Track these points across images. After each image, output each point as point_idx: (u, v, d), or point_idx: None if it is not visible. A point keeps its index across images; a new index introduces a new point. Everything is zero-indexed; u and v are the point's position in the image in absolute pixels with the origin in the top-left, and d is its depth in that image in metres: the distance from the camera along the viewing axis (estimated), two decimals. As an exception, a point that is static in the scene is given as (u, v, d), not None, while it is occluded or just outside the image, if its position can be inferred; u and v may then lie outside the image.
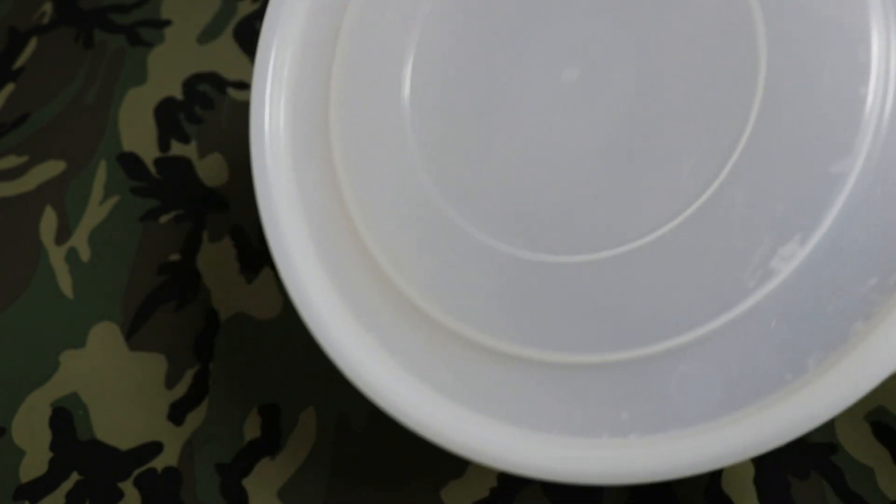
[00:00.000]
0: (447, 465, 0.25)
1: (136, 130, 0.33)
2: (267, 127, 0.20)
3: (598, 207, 0.17)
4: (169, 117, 0.33)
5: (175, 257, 0.30)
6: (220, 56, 0.35)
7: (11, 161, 0.33)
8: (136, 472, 0.26)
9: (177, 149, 0.32)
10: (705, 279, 0.15)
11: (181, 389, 0.27)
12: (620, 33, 0.17)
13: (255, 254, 0.30)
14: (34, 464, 0.26)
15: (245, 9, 0.36)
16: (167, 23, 0.36)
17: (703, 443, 0.15)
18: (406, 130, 0.19)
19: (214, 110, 0.33)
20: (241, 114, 0.33)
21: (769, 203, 0.15)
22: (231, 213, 0.31)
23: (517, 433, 0.16)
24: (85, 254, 0.30)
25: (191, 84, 0.34)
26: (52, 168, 0.32)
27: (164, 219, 0.31)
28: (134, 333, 0.28)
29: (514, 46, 0.18)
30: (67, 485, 0.26)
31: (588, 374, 0.16)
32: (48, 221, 0.31)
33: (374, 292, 0.19)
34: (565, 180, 0.17)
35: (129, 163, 0.32)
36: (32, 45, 0.36)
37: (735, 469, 0.24)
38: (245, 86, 0.34)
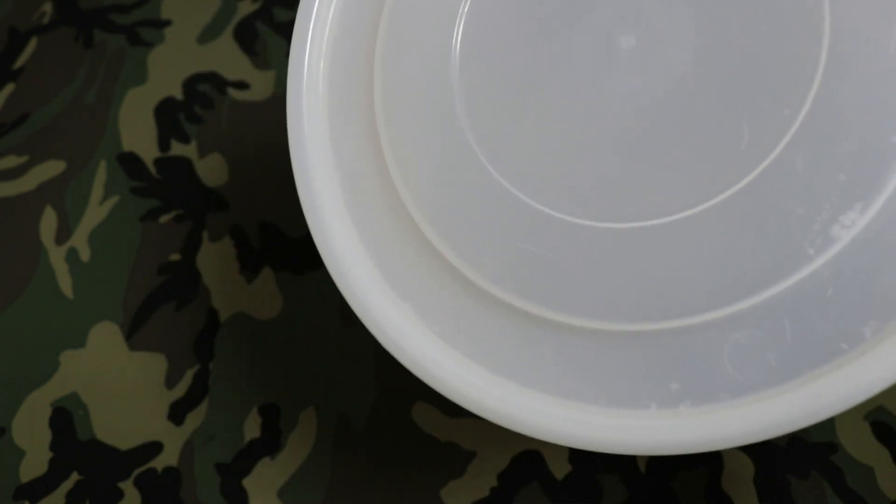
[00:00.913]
0: (447, 465, 0.25)
1: (136, 130, 0.33)
2: (305, 77, 0.20)
3: (654, 174, 0.16)
4: (169, 117, 0.33)
5: (175, 257, 0.30)
6: (220, 56, 0.35)
7: (11, 161, 0.33)
8: (136, 472, 0.26)
9: (177, 149, 0.32)
10: (763, 247, 0.15)
11: (181, 389, 0.27)
12: (678, 2, 0.17)
13: (255, 254, 0.30)
14: (34, 464, 0.26)
15: (245, 9, 0.36)
16: (167, 23, 0.36)
17: (756, 412, 0.14)
18: (454, 90, 0.19)
19: (214, 110, 0.33)
20: (241, 114, 0.33)
21: (830, 171, 0.15)
22: (231, 213, 0.31)
23: (563, 404, 0.16)
24: (85, 254, 0.30)
25: (191, 84, 0.34)
26: (52, 168, 0.32)
27: (164, 219, 0.31)
28: (134, 333, 0.28)
29: (571, 11, 0.18)
30: (67, 485, 0.26)
31: (639, 343, 0.16)
32: (48, 221, 0.31)
33: (411, 259, 0.18)
34: (619, 146, 0.17)
35: (129, 163, 0.32)
36: (32, 45, 0.36)
37: (735, 469, 0.24)
38: (245, 86, 0.34)
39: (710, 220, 0.16)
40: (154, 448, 0.26)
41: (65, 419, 0.27)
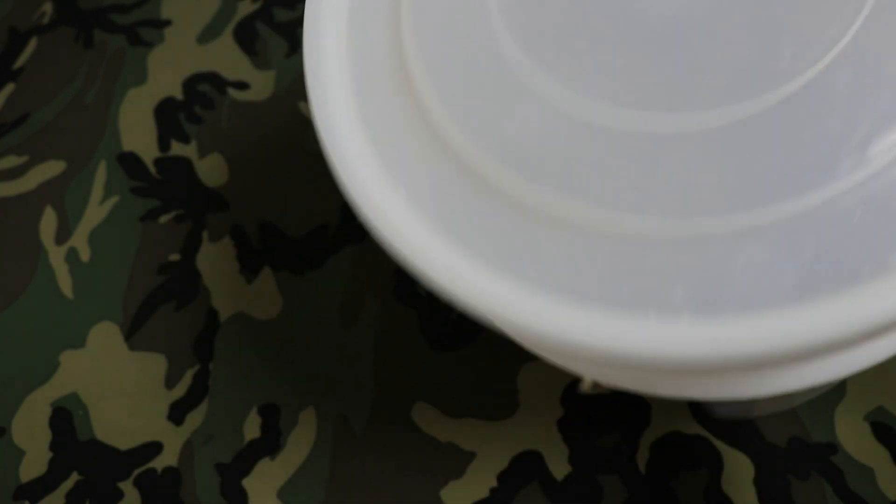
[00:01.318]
0: (447, 465, 0.25)
1: (136, 130, 0.33)
2: None
3: (689, 77, 0.16)
4: (169, 117, 0.33)
5: (175, 257, 0.30)
6: (220, 56, 0.35)
7: (11, 161, 0.33)
8: (136, 472, 0.26)
9: (177, 149, 0.32)
10: (793, 159, 0.15)
11: (181, 389, 0.27)
12: None
13: (255, 254, 0.30)
14: (34, 464, 0.26)
15: (245, 9, 0.36)
16: (167, 23, 0.36)
17: (764, 330, 0.13)
18: None
19: (214, 110, 0.33)
20: (241, 114, 0.33)
21: (875, 89, 0.15)
22: (231, 213, 0.31)
23: (554, 301, 0.15)
24: (85, 254, 0.30)
25: (191, 84, 0.34)
26: (52, 168, 0.32)
27: (164, 219, 0.31)
28: (134, 333, 0.28)
29: None
30: (67, 485, 0.26)
31: (648, 242, 0.15)
32: (48, 221, 0.31)
33: (421, 151, 0.17)
34: (656, 47, 0.16)
35: (129, 163, 0.32)
36: (32, 45, 0.36)
37: (735, 469, 0.24)
38: (245, 86, 0.34)
39: (739, 128, 0.15)
40: (154, 448, 0.26)
41: (65, 419, 0.27)
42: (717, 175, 0.15)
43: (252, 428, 0.26)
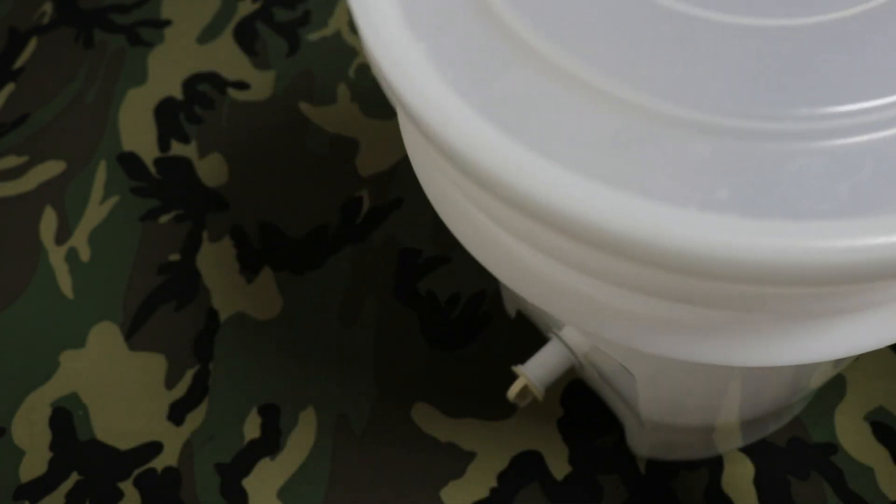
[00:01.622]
0: (447, 465, 0.25)
1: (136, 130, 0.33)
2: None
3: None
4: (169, 117, 0.33)
5: (175, 257, 0.30)
6: (220, 56, 0.35)
7: (11, 161, 0.33)
8: (136, 472, 0.26)
9: (177, 149, 0.32)
10: (859, 74, 0.14)
11: (181, 389, 0.27)
12: None
13: (255, 254, 0.30)
14: (34, 464, 0.26)
15: (245, 9, 0.36)
16: (167, 23, 0.36)
17: (809, 237, 0.13)
18: None
19: (214, 110, 0.33)
20: (241, 114, 0.33)
21: None
22: (231, 213, 0.31)
23: (585, 182, 0.14)
24: (85, 254, 0.30)
25: (191, 84, 0.34)
26: (52, 168, 0.32)
27: (164, 219, 0.31)
28: (134, 333, 0.28)
29: None
30: (67, 485, 0.26)
31: (700, 136, 0.15)
32: (48, 221, 0.31)
33: (454, 9, 0.16)
34: None
35: (129, 163, 0.32)
36: (32, 45, 0.36)
37: (735, 469, 0.24)
38: (245, 86, 0.34)
39: (808, 32, 0.15)
40: (154, 448, 0.26)
41: (65, 419, 0.27)
42: (778, 78, 0.15)
43: (252, 428, 0.26)
